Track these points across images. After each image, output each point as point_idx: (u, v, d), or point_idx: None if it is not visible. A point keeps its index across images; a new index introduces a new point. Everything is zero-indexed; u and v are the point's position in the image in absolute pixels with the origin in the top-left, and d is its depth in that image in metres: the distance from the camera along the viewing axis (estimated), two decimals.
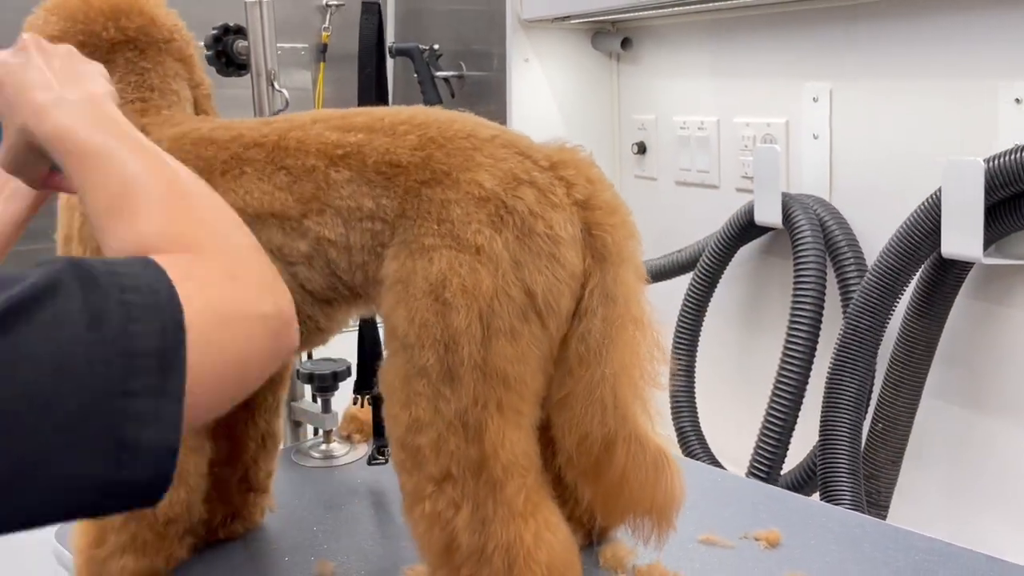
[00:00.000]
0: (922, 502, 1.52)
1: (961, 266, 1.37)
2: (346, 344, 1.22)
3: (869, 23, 1.53)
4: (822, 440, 1.45)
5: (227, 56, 1.36)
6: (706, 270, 1.78)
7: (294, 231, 0.85)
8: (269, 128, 0.89)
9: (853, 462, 1.42)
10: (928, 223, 1.35)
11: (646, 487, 0.85)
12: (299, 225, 0.85)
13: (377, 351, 1.23)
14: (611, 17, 1.98)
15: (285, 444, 1.44)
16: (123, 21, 0.94)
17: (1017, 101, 1.31)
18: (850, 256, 1.54)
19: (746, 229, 1.73)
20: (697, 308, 1.80)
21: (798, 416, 1.56)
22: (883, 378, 1.46)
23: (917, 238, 1.37)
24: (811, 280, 1.55)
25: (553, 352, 0.83)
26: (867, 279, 1.43)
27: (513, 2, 2.00)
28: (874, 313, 1.42)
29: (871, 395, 1.48)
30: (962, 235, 1.30)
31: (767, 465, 1.56)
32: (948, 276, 1.38)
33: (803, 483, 1.58)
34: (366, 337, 1.26)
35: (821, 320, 1.56)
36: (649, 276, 0.89)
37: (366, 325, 1.24)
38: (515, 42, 2.01)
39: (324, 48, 2.52)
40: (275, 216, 0.86)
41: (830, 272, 1.58)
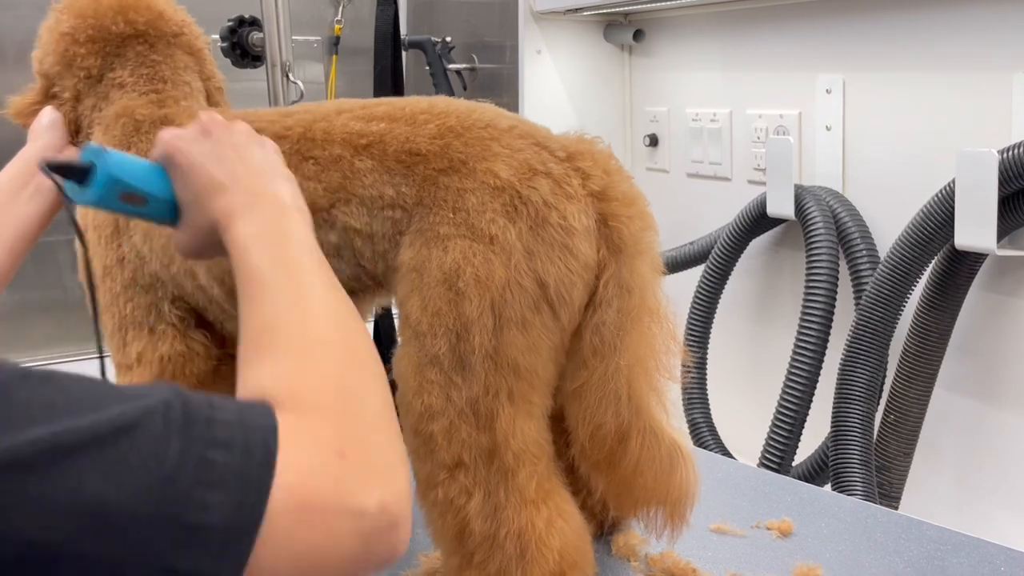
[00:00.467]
0: (934, 493, 1.52)
1: (974, 258, 1.37)
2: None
3: (882, 14, 1.53)
4: (834, 431, 1.45)
5: (242, 48, 1.37)
6: (718, 262, 1.78)
7: (325, 223, 0.86)
8: (293, 120, 0.89)
9: (865, 453, 1.42)
10: (941, 215, 1.35)
11: (660, 480, 0.86)
12: (328, 216, 0.86)
13: (392, 340, 1.24)
14: (623, 9, 1.98)
15: None
16: (132, 15, 0.96)
17: None
18: (863, 248, 1.54)
19: (758, 221, 1.73)
20: (709, 300, 1.80)
21: (810, 407, 1.56)
22: (895, 369, 1.46)
23: (930, 230, 1.37)
24: (823, 272, 1.55)
25: (565, 343, 0.83)
26: (880, 271, 1.43)
27: None
28: (887, 305, 1.42)
29: (883, 386, 1.48)
30: (975, 227, 1.30)
31: (779, 456, 1.56)
32: (961, 268, 1.38)
33: (815, 474, 1.58)
34: (381, 326, 1.26)
35: (833, 312, 1.56)
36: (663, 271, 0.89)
37: (381, 314, 1.24)
38: (527, 34, 2.01)
39: (337, 41, 2.52)
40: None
41: (843, 264, 1.58)
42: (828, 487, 1.46)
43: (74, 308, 0.98)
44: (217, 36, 1.40)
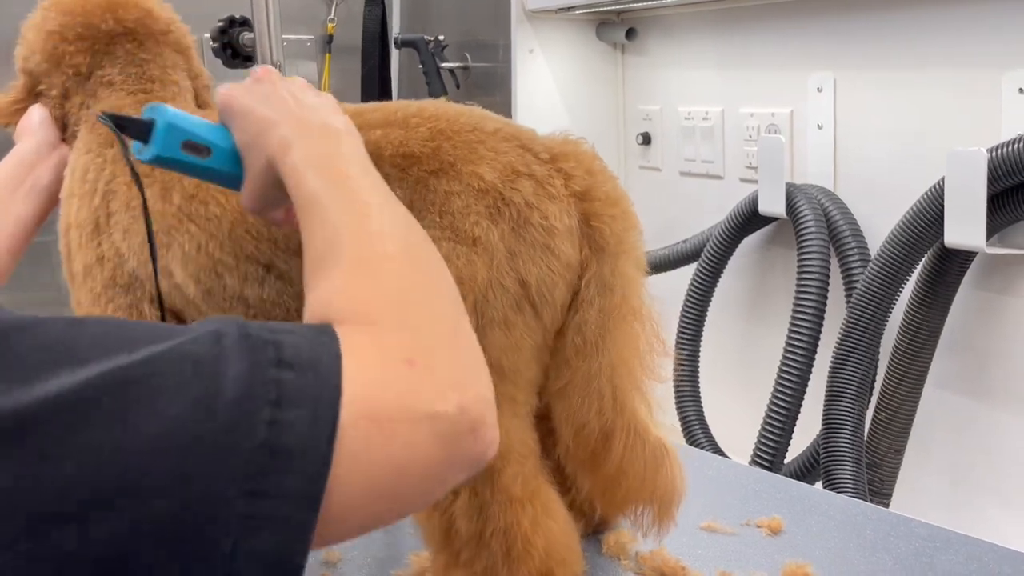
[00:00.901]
0: (925, 490, 1.52)
1: (964, 255, 1.37)
2: None
3: (874, 13, 1.53)
4: (825, 429, 1.46)
5: (233, 48, 1.37)
6: (710, 260, 1.78)
7: None
8: None
9: (856, 451, 1.42)
10: (931, 213, 1.36)
11: (645, 478, 0.86)
12: None
13: None
14: (616, 7, 1.98)
15: None
16: (121, 13, 0.95)
17: (1021, 91, 1.31)
18: (854, 246, 1.54)
19: (750, 219, 1.73)
20: (701, 298, 1.80)
21: (801, 405, 1.56)
22: (886, 367, 1.47)
23: (920, 228, 1.37)
24: (815, 270, 1.56)
25: (548, 342, 0.83)
26: (870, 269, 1.44)
27: None
28: (877, 303, 1.42)
29: (874, 384, 1.49)
30: (965, 225, 1.30)
31: (770, 454, 1.57)
32: (951, 266, 1.38)
33: (806, 471, 1.59)
34: None
35: (824, 310, 1.56)
36: (653, 267, 0.89)
37: None
38: (520, 33, 2.01)
39: (330, 39, 2.52)
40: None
41: (834, 262, 1.58)
42: (819, 485, 1.47)
43: (68, 308, 0.98)
44: (208, 36, 1.40)
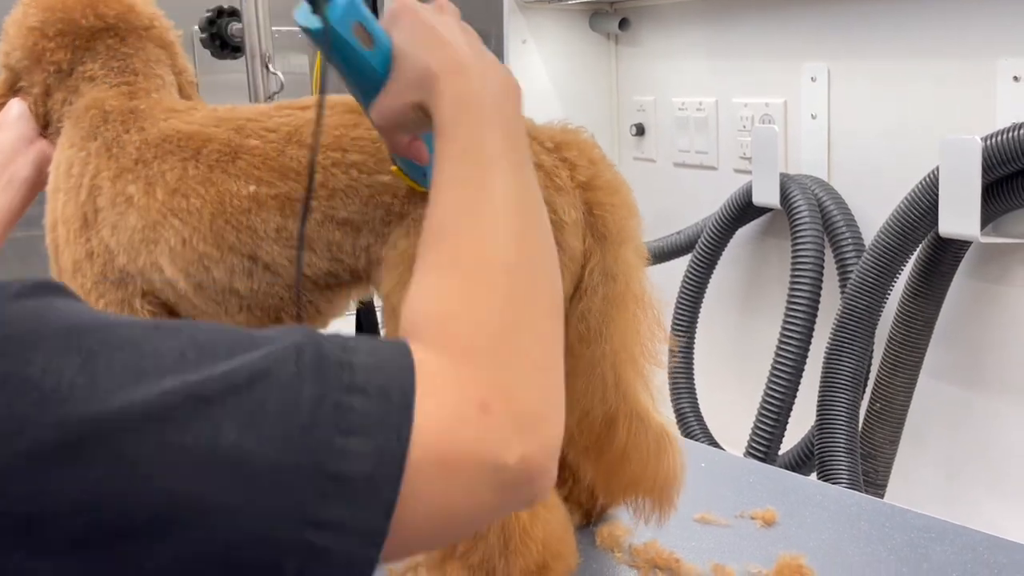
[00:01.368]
0: (920, 481, 1.52)
1: (959, 245, 1.37)
2: (345, 326, 1.22)
3: (867, 2, 1.53)
4: (819, 420, 1.46)
5: (221, 39, 1.35)
6: (704, 251, 1.77)
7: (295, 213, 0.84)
8: (275, 123, 0.87)
9: (851, 442, 1.42)
10: (926, 202, 1.35)
11: (648, 465, 0.85)
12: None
13: (376, 333, 1.23)
14: None
15: None
16: (101, 8, 0.94)
17: (1015, 79, 1.31)
18: (848, 236, 1.54)
19: (744, 210, 1.73)
20: (695, 290, 1.80)
21: (796, 396, 1.56)
22: (881, 358, 1.46)
23: (915, 217, 1.37)
24: (809, 260, 1.55)
25: None
26: (865, 259, 1.43)
27: None
28: (872, 293, 1.42)
29: (869, 375, 1.48)
30: (960, 214, 1.30)
31: (765, 445, 1.56)
32: (946, 255, 1.38)
33: (801, 463, 1.59)
34: (363, 321, 1.26)
35: (819, 300, 1.56)
36: (647, 258, 0.89)
37: (364, 309, 1.24)
38: (512, 23, 2.00)
39: None
40: (275, 198, 0.85)
41: (828, 252, 1.58)
42: (814, 476, 1.46)
43: None
44: (196, 27, 1.39)
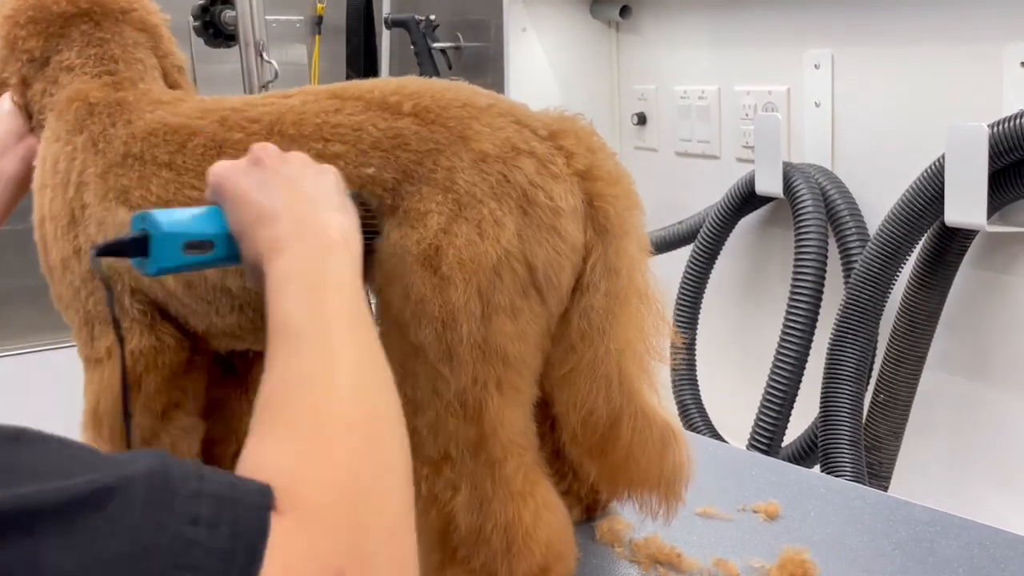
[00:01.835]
0: (924, 474, 1.51)
1: (965, 234, 1.35)
2: None
3: None
4: (823, 412, 1.44)
5: (215, 27, 1.34)
6: (706, 241, 1.76)
7: None
8: (257, 112, 0.85)
9: (854, 434, 1.41)
10: (931, 191, 1.33)
11: (653, 462, 0.84)
12: None
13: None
14: None
15: None
16: None
17: (1022, 64, 1.29)
18: (852, 225, 1.52)
19: (747, 199, 1.71)
20: (698, 280, 1.78)
21: (799, 387, 1.55)
22: (885, 349, 1.45)
23: (920, 206, 1.35)
24: (812, 250, 1.54)
25: (551, 329, 0.81)
26: (869, 249, 1.42)
27: None
28: (876, 283, 1.40)
29: (873, 366, 1.47)
30: (966, 203, 1.28)
31: (768, 437, 1.55)
32: (951, 245, 1.36)
33: (804, 455, 1.57)
34: None
35: (822, 291, 1.54)
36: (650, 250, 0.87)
37: None
38: (512, 12, 1.98)
39: (319, 20, 2.49)
40: None
41: (832, 242, 1.56)
42: (817, 468, 1.45)
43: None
44: (190, 15, 1.37)
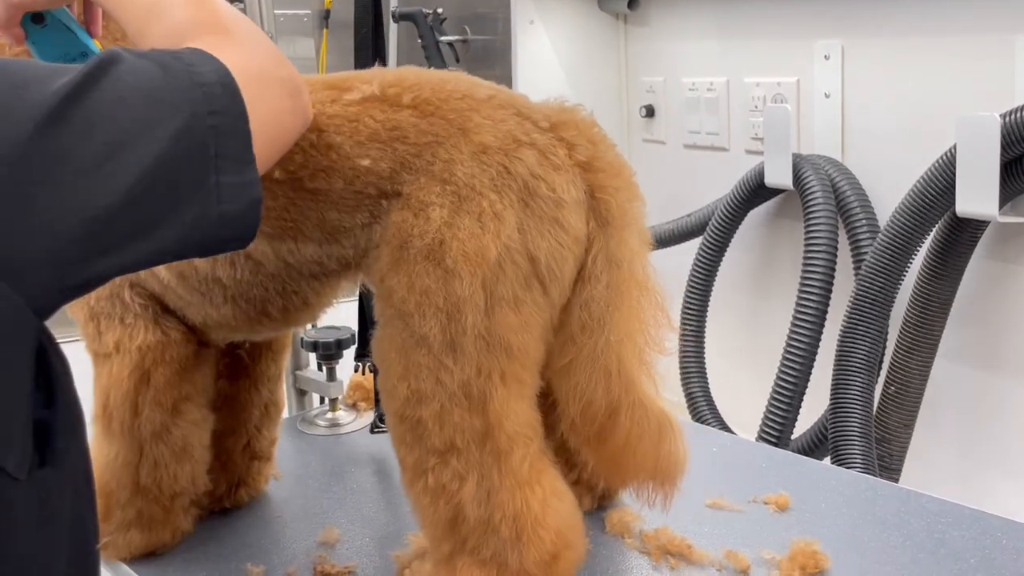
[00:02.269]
0: (936, 465, 1.50)
1: (976, 225, 1.34)
2: (349, 312, 1.21)
3: None
4: (833, 404, 1.44)
5: None
6: (716, 234, 1.75)
7: (288, 199, 0.82)
8: None
9: (865, 425, 1.40)
10: (942, 181, 1.32)
11: (650, 452, 0.84)
12: (293, 191, 0.82)
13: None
14: None
15: (291, 413, 1.44)
16: None
17: None
18: (862, 217, 1.51)
19: (756, 191, 1.70)
20: (707, 272, 1.78)
21: (809, 379, 1.54)
22: (896, 340, 1.44)
23: (931, 197, 1.34)
24: (822, 242, 1.53)
25: (554, 320, 0.81)
26: (879, 240, 1.41)
27: None
28: (887, 274, 1.40)
29: (883, 358, 1.46)
30: (977, 193, 1.27)
31: (777, 429, 1.54)
32: (963, 235, 1.35)
33: (814, 447, 1.57)
34: (367, 304, 1.24)
35: (832, 282, 1.53)
36: (658, 241, 0.87)
37: (366, 292, 1.22)
38: (519, 4, 1.97)
39: (327, 14, 2.49)
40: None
41: (842, 234, 1.55)
42: (828, 460, 1.45)
43: None
44: None
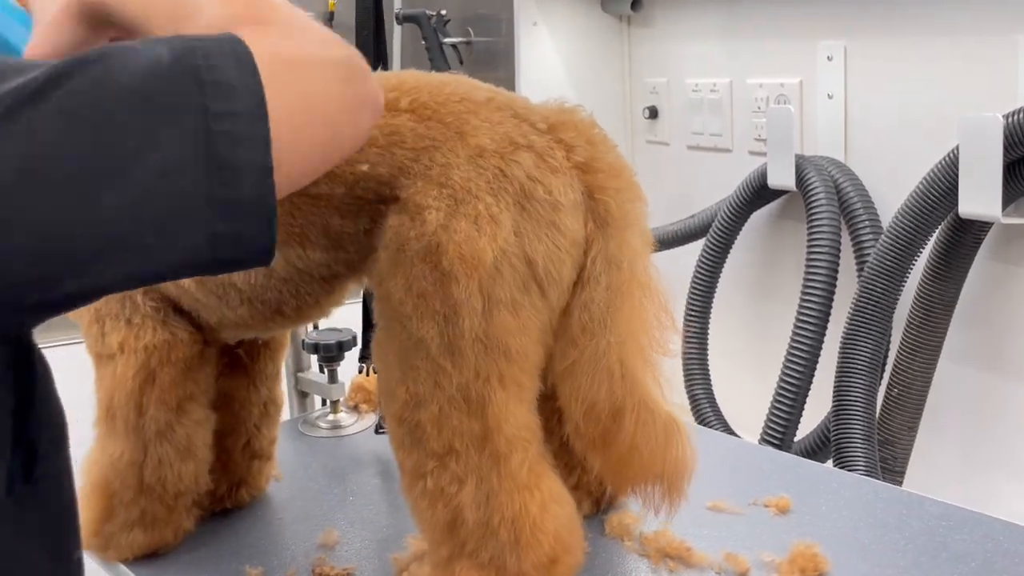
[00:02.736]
0: (939, 467, 1.50)
1: (979, 226, 1.34)
2: (350, 314, 1.21)
3: None
4: (836, 406, 1.43)
5: None
6: (719, 235, 1.75)
7: (290, 205, 0.82)
8: None
9: (867, 428, 1.40)
10: (945, 182, 1.32)
11: (656, 454, 0.83)
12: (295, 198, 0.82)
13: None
14: None
15: (293, 415, 1.44)
16: None
17: None
18: (865, 218, 1.51)
19: (759, 193, 1.70)
20: (710, 274, 1.77)
21: (812, 381, 1.54)
22: (899, 342, 1.43)
23: (934, 198, 1.34)
24: (825, 243, 1.53)
25: (552, 323, 0.81)
26: (882, 241, 1.40)
27: None
28: (890, 276, 1.39)
29: (886, 360, 1.46)
30: (980, 194, 1.27)
31: (780, 431, 1.54)
32: (966, 237, 1.35)
33: (817, 449, 1.56)
34: (369, 306, 1.24)
35: (835, 284, 1.53)
36: (661, 243, 0.87)
37: (369, 293, 1.22)
38: (523, 6, 1.97)
39: (331, 16, 2.50)
40: None
41: (845, 235, 1.55)
42: (830, 463, 1.44)
43: None
44: None
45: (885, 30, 1.50)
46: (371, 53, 1.11)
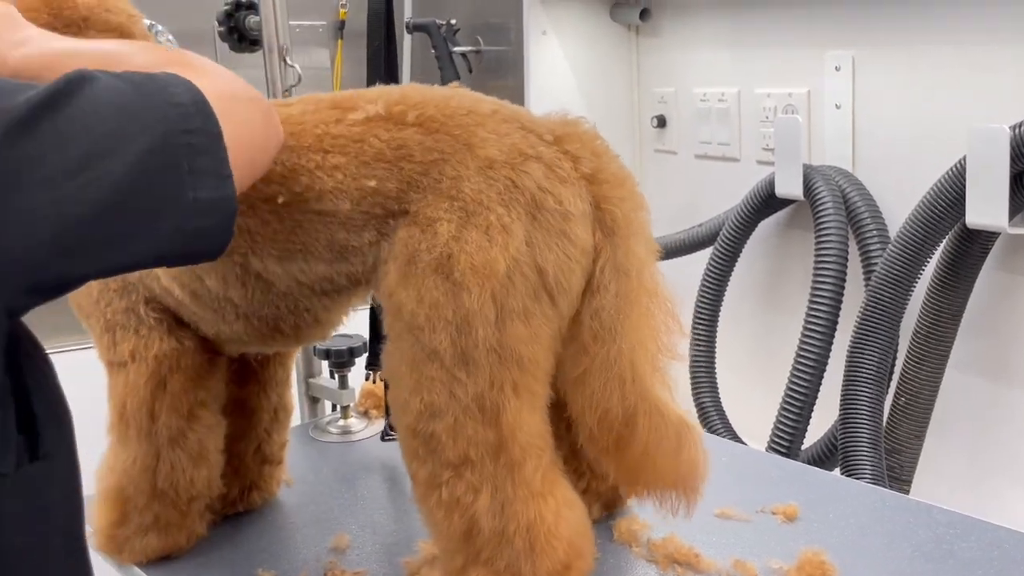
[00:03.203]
0: (946, 476, 1.50)
1: (986, 236, 1.34)
2: (360, 320, 1.22)
3: None
4: (843, 415, 1.44)
5: (239, 32, 1.36)
6: (726, 244, 1.76)
7: (290, 218, 0.83)
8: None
9: (874, 436, 1.40)
10: (952, 192, 1.33)
11: (669, 458, 0.84)
12: (299, 211, 0.83)
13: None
14: None
15: (303, 420, 1.45)
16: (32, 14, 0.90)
17: None
18: (872, 228, 1.51)
19: (767, 202, 1.70)
20: (717, 283, 1.78)
21: (819, 390, 1.54)
22: (906, 351, 1.44)
23: (941, 208, 1.34)
24: (833, 253, 1.53)
25: (562, 331, 0.82)
26: (890, 251, 1.41)
27: None
28: (897, 285, 1.40)
29: (893, 368, 1.46)
30: (987, 204, 1.27)
31: (787, 439, 1.54)
32: (973, 247, 1.35)
33: (824, 458, 1.57)
34: (377, 314, 1.25)
35: (843, 293, 1.53)
36: (669, 251, 0.88)
37: (377, 304, 1.23)
38: (532, 15, 1.99)
39: (342, 25, 2.52)
40: (266, 201, 0.83)
41: (852, 244, 1.56)
42: (837, 471, 1.45)
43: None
44: (215, 20, 1.39)
45: (893, 40, 1.51)
46: (381, 63, 1.12)
